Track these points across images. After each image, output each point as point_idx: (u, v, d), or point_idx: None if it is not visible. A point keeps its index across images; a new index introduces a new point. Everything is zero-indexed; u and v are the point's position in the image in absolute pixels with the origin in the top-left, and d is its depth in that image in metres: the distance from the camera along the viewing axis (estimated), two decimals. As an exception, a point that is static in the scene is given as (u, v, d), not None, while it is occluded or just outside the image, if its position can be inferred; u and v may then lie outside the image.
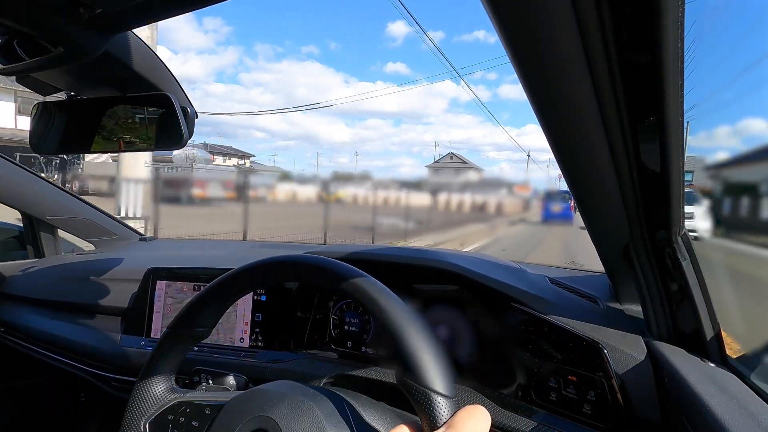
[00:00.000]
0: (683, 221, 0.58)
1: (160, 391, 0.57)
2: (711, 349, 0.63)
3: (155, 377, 0.57)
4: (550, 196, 15.64)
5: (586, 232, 0.72)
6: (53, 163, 15.89)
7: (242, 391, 0.57)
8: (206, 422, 0.54)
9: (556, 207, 15.15)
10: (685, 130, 0.45)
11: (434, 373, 0.43)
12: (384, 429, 0.54)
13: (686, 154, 0.50)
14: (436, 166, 47.55)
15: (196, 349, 0.98)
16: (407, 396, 0.44)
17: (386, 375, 0.83)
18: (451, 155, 47.87)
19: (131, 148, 0.69)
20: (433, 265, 0.89)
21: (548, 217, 15.31)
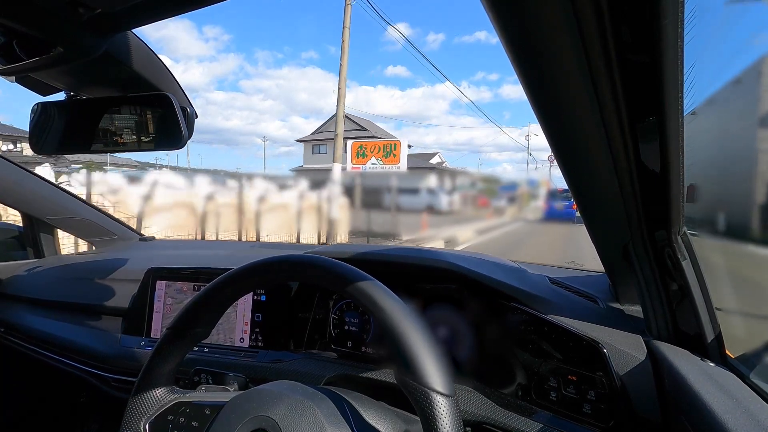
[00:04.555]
0: (683, 221, 0.58)
1: (159, 391, 0.57)
2: (711, 349, 0.63)
3: (154, 378, 0.57)
4: (553, 195, 15.17)
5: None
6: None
7: (242, 392, 0.57)
8: (206, 422, 0.54)
9: (559, 205, 14.79)
10: (684, 130, 0.45)
11: (433, 373, 0.44)
12: (384, 428, 0.54)
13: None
14: (311, 140, 29.16)
15: (196, 349, 0.98)
16: (407, 395, 0.44)
17: (386, 375, 0.83)
18: (347, 118, 33.10)
19: (131, 148, 0.69)
20: (434, 264, 0.89)
21: (551, 216, 14.83)
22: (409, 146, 33.85)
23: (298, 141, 30.49)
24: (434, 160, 28.61)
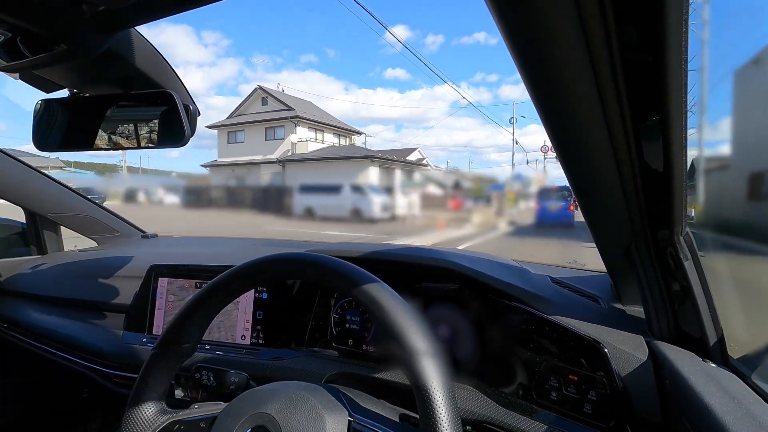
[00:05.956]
0: (685, 221, 0.57)
1: (151, 414, 0.57)
2: (712, 350, 0.63)
3: (145, 401, 0.57)
4: (546, 194, 11.98)
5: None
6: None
7: (234, 398, 0.57)
8: None
9: (554, 206, 11.62)
10: (687, 130, 0.45)
11: (419, 340, 0.46)
12: (381, 412, 0.55)
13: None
14: (225, 125, 22.15)
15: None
16: (399, 367, 0.47)
17: (387, 373, 0.83)
18: (263, 94, 22.37)
19: (133, 145, 0.69)
20: (436, 263, 0.89)
21: (544, 219, 11.65)
22: (361, 134, 25.47)
23: (208, 127, 22.67)
24: (413, 157, 23.47)
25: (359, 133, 25.62)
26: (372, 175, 16.54)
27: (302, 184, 13.98)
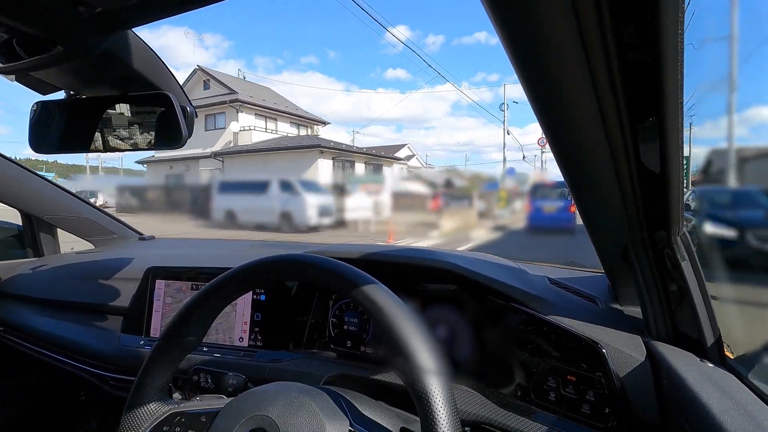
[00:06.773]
0: (682, 222, 0.58)
1: (153, 404, 0.57)
2: (710, 350, 0.63)
3: (148, 391, 0.57)
4: (540, 191, 9.74)
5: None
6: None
7: (237, 396, 0.57)
8: (203, 429, 0.54)
9: (550, 207, 9.29)
10: (684, 131, 0.45)
11: (418, 343, 0.46)
12: (382, 421, 0.54)
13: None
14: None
15: None
16: (397, 370, 0.46)
17: (385, 375, 0.83)
18: (204, 77, 19.55)
19: (130, 147, 0.69)
20: (434, 264, 0.89)
21: (537, 223, 9.42)
22: (326, 123, 21.60)
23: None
24: (402, 153, 20.48)
25: (322, 123, 22.50)
26: (323, 169, 13.83)
27: (222, 182, 11.50)
